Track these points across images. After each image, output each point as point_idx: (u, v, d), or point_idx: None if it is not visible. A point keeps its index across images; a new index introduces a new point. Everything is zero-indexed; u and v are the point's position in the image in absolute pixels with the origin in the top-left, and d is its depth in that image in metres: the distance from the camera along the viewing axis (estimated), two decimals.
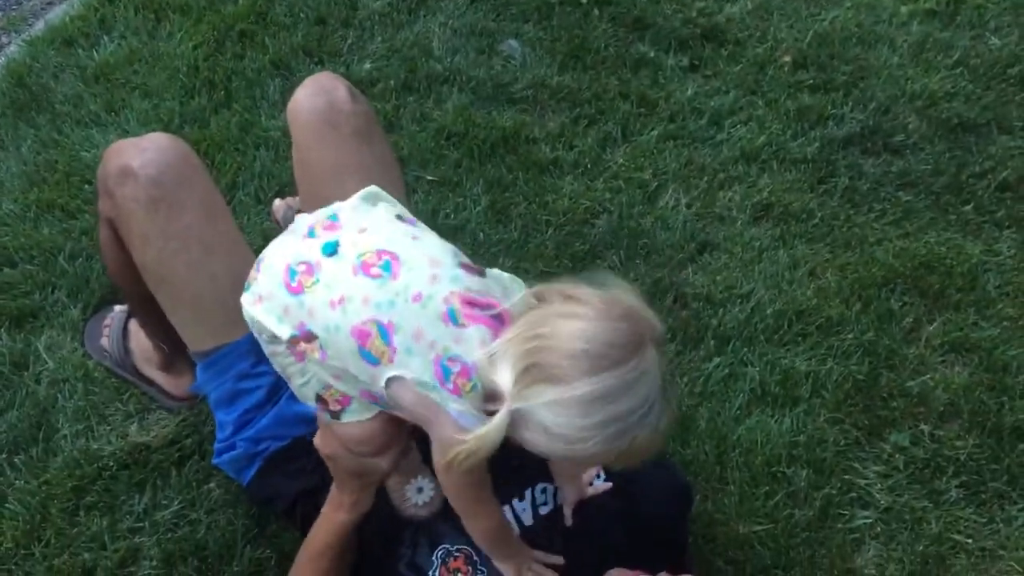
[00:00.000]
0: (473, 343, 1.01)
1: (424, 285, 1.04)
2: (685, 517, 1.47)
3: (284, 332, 1.10)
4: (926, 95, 2.48)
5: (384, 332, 1.03)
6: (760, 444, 1.76)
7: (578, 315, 0.98)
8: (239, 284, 1.34)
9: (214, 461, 1.56)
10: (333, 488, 1.32)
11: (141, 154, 1.39)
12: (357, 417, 1.19)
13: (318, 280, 1.08)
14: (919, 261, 2.07)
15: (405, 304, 1.03)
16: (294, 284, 1.09)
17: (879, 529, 1.66)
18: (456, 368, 1.01)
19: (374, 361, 1.05)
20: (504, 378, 0.96)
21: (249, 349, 1.41)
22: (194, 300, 1.42)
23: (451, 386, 1.01)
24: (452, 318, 1.01)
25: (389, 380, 1.05)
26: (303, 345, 1.10)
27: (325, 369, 1.11)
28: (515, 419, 0.97)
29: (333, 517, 1.32)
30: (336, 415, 1.19)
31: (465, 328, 1.01)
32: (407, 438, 1.37)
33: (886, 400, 1.85)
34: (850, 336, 1.94)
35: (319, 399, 1.18)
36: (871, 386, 1.86)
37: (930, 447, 1.77)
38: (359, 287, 1.05)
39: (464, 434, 1.00)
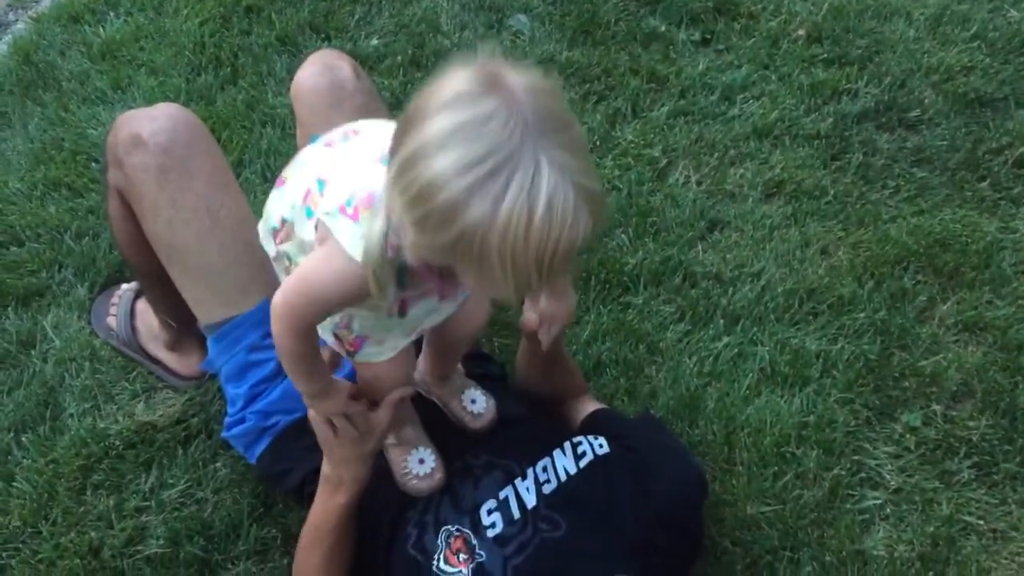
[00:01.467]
0: None
1: (373, 146, 1.05)
2: (699, 508, 1.45)
3: (274, 222, 1.18)
4: (943, 69, 2.43)
5: (321, 184, 1.08)
6: (769, 424, 1.74)
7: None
8: (248, 254, 1.35)
9: (223, 435, 1.56)
10: (326, 472, 1.31)
11: (151, 123, 1.40)
12: (369, 359, 1.23)
13: (297, 164, 1.17)
14: (933, 239, 2.04)
15: (344, 159, 1.09)
16: (280, 177, 1.20)
17: (889, 510, 1.64)
18: (362, 195, 1.01)
19: (310, 215, 1.09)
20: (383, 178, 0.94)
21: (260, 320, 1.41)
22: (204, 270, 1.42)
23: (351, 211, 1.01)
24: (385, 161, 0.98)
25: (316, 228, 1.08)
26: (282, 233, 1.16)
27: (294, 250, 1.16)
28: (395, 225, 0.95)
29: (331, 501, 1.31)
30: (351, 355, 1.23)
31: None
32: (409, 407, 1.38)
33: (898, 380, 1.82)
34: (862, 315, 1.91)
35: (335, 337, 1.22)
36: (883, 366, 1.84)
37: (942, 427, 1.75)
38: (316, 156, 1.14)
39: (347, 262, 1.00)
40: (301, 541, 1.38)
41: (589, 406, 1.63)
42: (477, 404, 1.45)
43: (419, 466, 1.35)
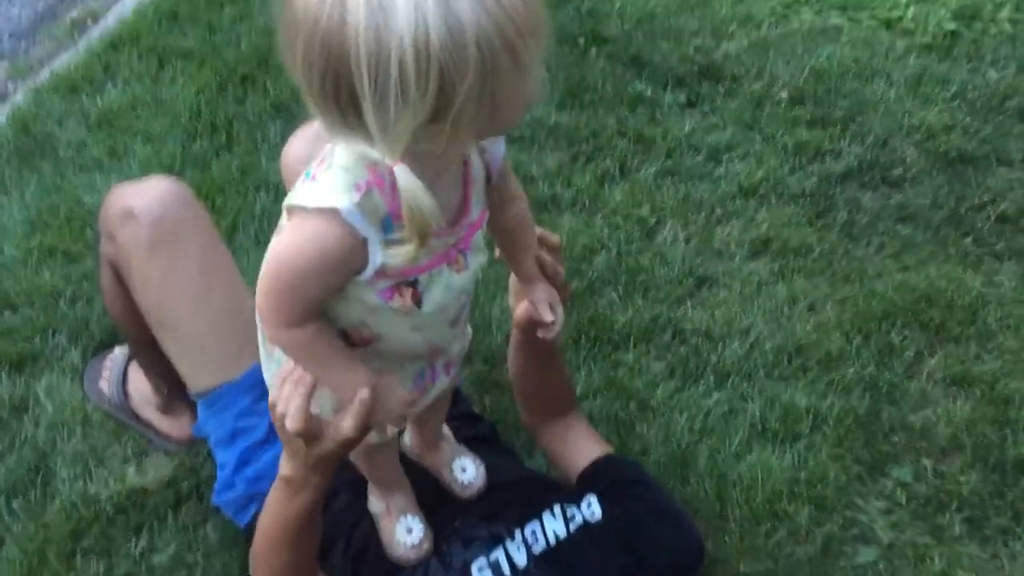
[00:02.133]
0: None
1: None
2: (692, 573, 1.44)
3: None
4: (924, 128, 2.49)
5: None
6: (761, 481, 1.74)
7: None
8: (238, 322, 1.34)
9: (213, 500, 1.56)
10: (290, 474, 1.20)
11: (143, 196, 1.43)
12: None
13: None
14: (919, 294, 2.06)
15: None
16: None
17: (882, 566, 1.63)
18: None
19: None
20: None
21: (250, 386, 1.42)
22: (194, 339, 1.44)
23: (309, 179, 0.95)
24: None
25: None
26: None
27: None
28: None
29: (296, 500, 1.21)
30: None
31: None
32: (400, 473, 1.37)
33: (888, 435, 1.83)
34: (851, 370, 1.92)
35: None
36: (872, 421, 1.85)
37: (933, 482, 1.75)
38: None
39: (316, 221, 0.92)
40: (259, 546, 1.29)
41: (589, 446, 1.59)
42: (467, 473, 1.44)
43: (407, 536, 1.35)
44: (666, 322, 2.02)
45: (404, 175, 0.88)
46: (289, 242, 0.97)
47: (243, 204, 2.25)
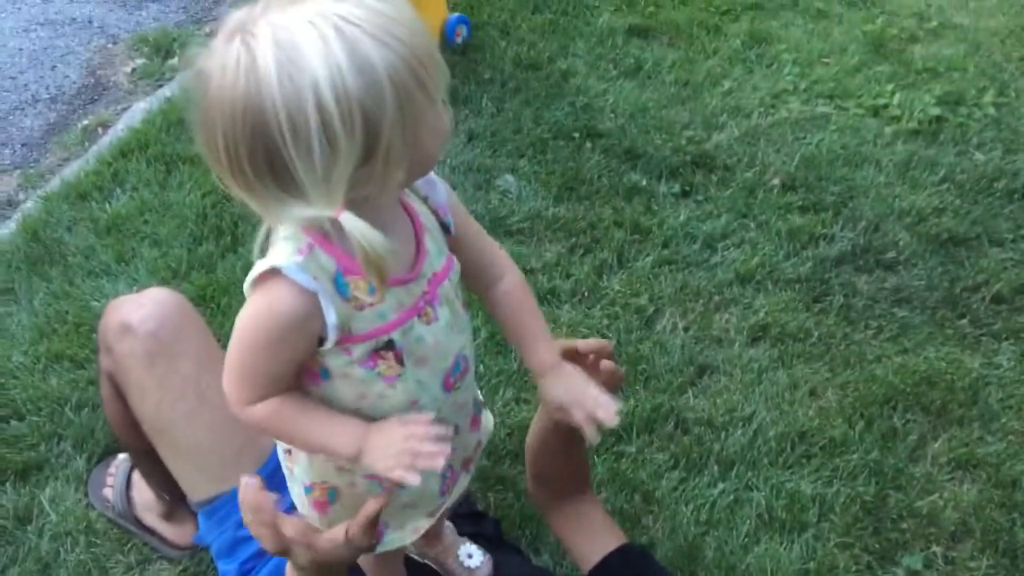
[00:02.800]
0: None
1: None
2: None
3: None
4: (915, 212, 2.53)
5: None
6: (771, 573, 1.72)
7: None
8: (235, 432, 1.36)
9: None
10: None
11: (139, 309, 1.46)
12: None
13: None
14: (919, 377, 2.07)
15: None
16: None
17: None
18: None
19: None
20: None
21: None
22: (192, 450, 1.45)
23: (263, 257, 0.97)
24: None
25: None
26: None
27: None
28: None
29: None
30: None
31: None
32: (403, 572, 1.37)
33: (896, 521, 1.82)
34: (855, 456, 1.92)
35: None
36: (879, 507, 1.84)
37: (944, 569, 1.73)
38: None
39: (272, 288, 0.94)
40: None
41: (603, 537, 1.52)
42: (474, 559, 1.45)
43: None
44: (668, 411, 2.03)
45: (349, 218, 0.90)
46: (241, 315, 0.98)
47: None
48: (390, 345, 1.05)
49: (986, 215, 2.53)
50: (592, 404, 1.15)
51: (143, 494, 1.77)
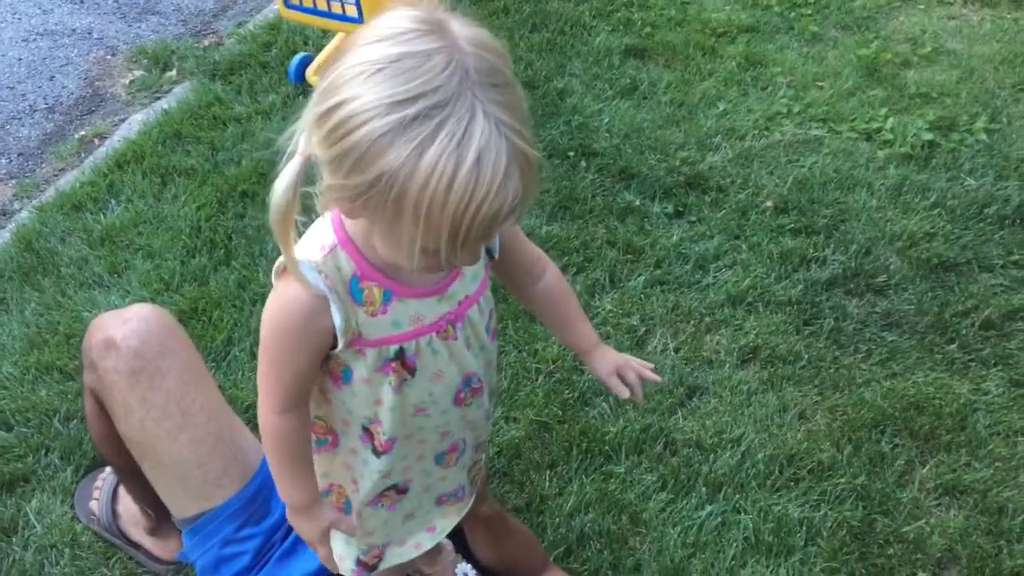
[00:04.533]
0: None
1: None
2: None
3: None
4: (906, 236, 2.54)
5: None
6: None
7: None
8: (220, 449, 1.37)
9: None
10: None
11: (123, 326, 1.45)
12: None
13: None
14: (908, 402, 2.08)
15: None
16: None
17: None
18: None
19: None
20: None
21: (233, 513, 1.43)
22: (176, 467, 1.45)
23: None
24: None
25: None
26: None
27: None
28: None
29: None
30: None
31: None
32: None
33: (883, 547, 1.82)
34: (842, 480, 1.92)
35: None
36: (866, 533, 1.84)
37: None
38: None
39: (295, 280, 1.02)
40: None
41: None
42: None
43: None
44: (657, 432, 2.03)
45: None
46: (266, 308, 1.08)
47: (239, 317, 2.28)
48: (401, 354, 1.08)
49: (977, 240, 2.54)
50: (639, 365, 1.34)
51: (129, 508, 1.77)
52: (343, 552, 1.27)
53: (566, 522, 1.85)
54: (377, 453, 1.21)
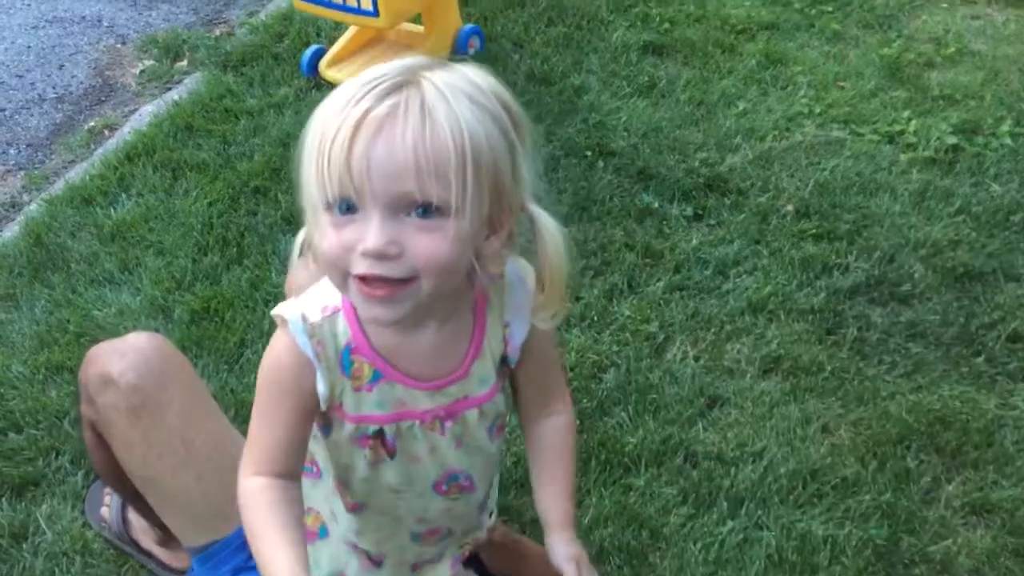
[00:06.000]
0: None
1: None
2: None
3: None
4: (930, 243, 2.50)
5: None
6: None
7: None
8: (226, 479, 1.33)
9: None
10: None
11: (121, 359, 1.38)
12: None
13: None
14: (934, 416, 2.04)
15: None
16: None
17: None
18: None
19: None
20: None
21: (242, 543, 1.38)
22: (180, 500, 1.41)
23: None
24: None
25: None
26: None
27: None
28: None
29: None
30: None
31: None
32: None
33: (908, 567, 1.78)
34: (867, 497, 1.89)
35: None
36: (892, 552, 1.80)
37: None
38: None
39: (285, 336, 1.05)
40: None
41: None
42: None
43: None
44: (678, 444, 2.00)
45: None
46: (263, 356, 1.08)
47: (252, 319, 2.24)
48: (380, 434, 1.10)
49: (1003, 249, 2.49)
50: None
51: (140, 517, 1.73)
52: None
53: (584, 536, 1.81)
54: (346, 508, 1.20)
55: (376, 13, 2.84)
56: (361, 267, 0.94)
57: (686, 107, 3.06)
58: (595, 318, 2.30)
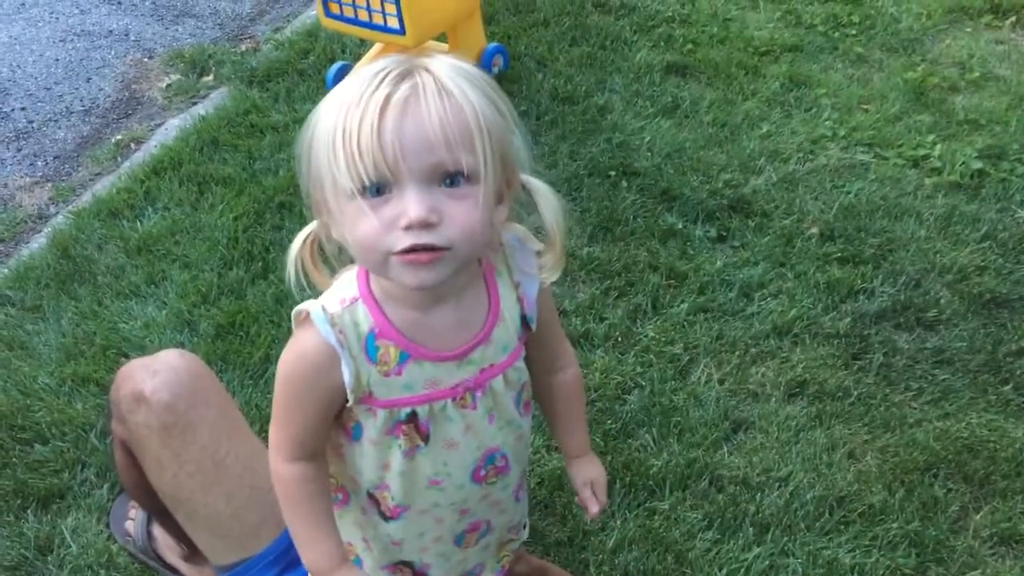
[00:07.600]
0: None
1: None
2: None
3: None
4: (956, 269, 2.48)
5: None
6: None
7: None
8: (256, 498, 1.35)
9: None
10: None
11: (153, 378, 1.39)
12: None
13: None
14: (961, 444, 2.02)
15: None
16: None
17: None
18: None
19: None
20: None
21: (273, 561, 1.38)
22: (211, 519, 1.41)
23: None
24: None
25: None
26: None
27: None
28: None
29: None
30: None
31: None
32: None
33: None
34: (894, 525, 1.87)
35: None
36: None
37: None
38: None
39: (308, 332, 1.07)
40: None
41: None
42: None
43: None
44: (703, 468, 1.98)
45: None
46: (282, 354, 1.10)
47: (277, 333, 2.25)
48: (413, 417, 1.08)
49: None
50: (601, 491, 1.38)
51: (166, 532, 1.73)
52: None
53: (609, 559, 1.80)
54: (385, 518, 1.20)
55: (403, 31, 2.86)
56: (405, 241, 0.97)
57: (710, 128, 3.06)
58: (619, 339, 2.30)
